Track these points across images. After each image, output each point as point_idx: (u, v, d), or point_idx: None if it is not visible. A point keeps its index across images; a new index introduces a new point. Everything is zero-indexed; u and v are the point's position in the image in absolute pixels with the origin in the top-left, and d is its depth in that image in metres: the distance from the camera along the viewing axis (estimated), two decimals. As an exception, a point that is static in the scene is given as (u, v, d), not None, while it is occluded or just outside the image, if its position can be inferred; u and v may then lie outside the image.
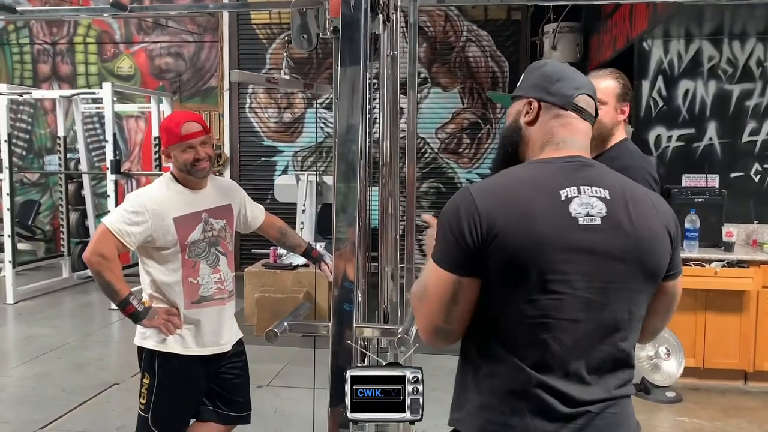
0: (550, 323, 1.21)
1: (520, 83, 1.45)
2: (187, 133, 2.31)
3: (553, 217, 1.21)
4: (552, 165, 1.30)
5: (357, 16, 2.00)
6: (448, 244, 1.24)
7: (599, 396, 1.24)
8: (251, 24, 8.14)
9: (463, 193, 1.27)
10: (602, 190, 1.26)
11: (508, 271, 1.20)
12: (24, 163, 8.72)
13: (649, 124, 4.85)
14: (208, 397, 2.48)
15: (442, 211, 1.29)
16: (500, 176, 1.31)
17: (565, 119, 1.35)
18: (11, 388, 4.28)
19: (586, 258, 1.21)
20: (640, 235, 1.25)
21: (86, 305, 6.67)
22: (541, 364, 1.22)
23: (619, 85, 2.27)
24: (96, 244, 2.23)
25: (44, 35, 8.65)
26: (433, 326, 1.28)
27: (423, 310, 1.29)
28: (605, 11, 6.12)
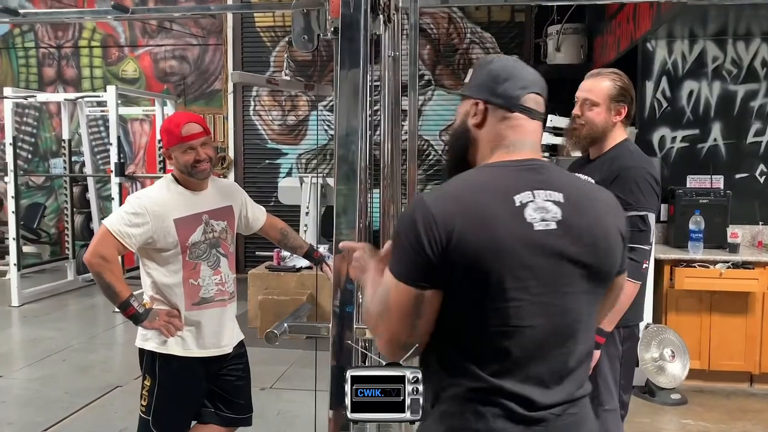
0: (511, 331, 1.20)
1: (468, 80, 1.41)
2: (188, 134, 2.31)
3: (510, 224, 1.20)
4: (505, 169, 1.28)
5: (357, 17, 1.98)
6: (407, 257, 1.21)
7: (560, 399, 1.24)
8: (255, 27, 8.15)
9: (417, 203, 1.23)
10: (556, 193, 1.25)
11: (467, 280, 1.19)
12: (29, 167, 8.75)
13: (654, 125, 4.83)
14: (209, 398, 2.48)
15: (398, 223, 1.27)
16: (454, 183, 1.28)
17: (513, 121, 1.32)
18: (16, 390, 4.29)
19: (543, 263, 1.21)
20: (595, 237, 1.26)
21: (90, 308, 6.69)
22: (501, 371, 1.21)
23: (614, 86, 2.25)
24: (96, 245, 2.23)
25: (49, 39, 8.68)
26: (397, 342, 1.25)
27: (385, 326, 1.25)
28: (609, 12, 6.10)
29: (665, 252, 4.29)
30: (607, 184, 2.17)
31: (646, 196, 2.15)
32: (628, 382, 2.36)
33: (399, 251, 1.23)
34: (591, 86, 2.29)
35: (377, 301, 1.27)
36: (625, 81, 2.28)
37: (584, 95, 2.29)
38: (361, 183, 1.88)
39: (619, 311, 2.15)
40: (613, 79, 2.27)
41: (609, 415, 2.27)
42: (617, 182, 2.16)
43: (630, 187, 2.15)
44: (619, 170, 2.19)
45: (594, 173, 2.25)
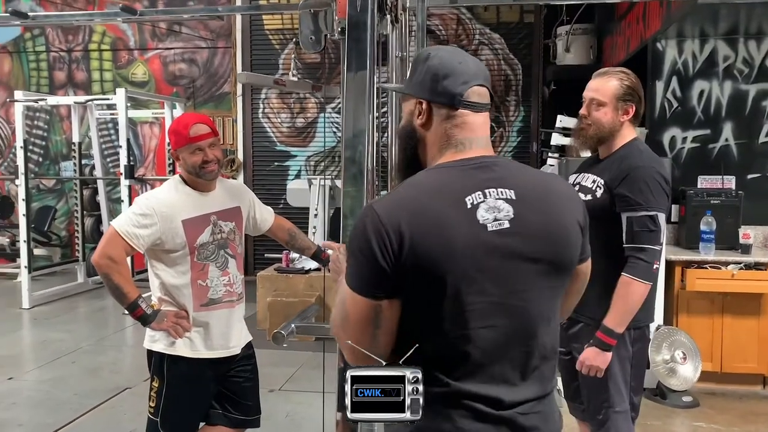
0: (470, 334, 1.19)
1: (408, 77, 1.37)
2: (196, 135, 2.31)
3: (462, 226, 1.18)
4: (454, 170, 1.26)
5: (364, 17, 1.97)
6: (360, 267, 1.20)
7: (526, 396, 1.24)
8: (264, 29, 8.17)
9: (367, 211, 1.21)
10: (507, 191, 1.23)
11: (422, 286, 1.18)
12: (40, 170, 8.80)
13: (664, 126, 4.79)
14: (218, 400, 2.47)
15: (350, 233, 1.25)
16: (403, 188, 1.26)
17: (458, 119, 1.29)
18: (26, 392, 4.31)
19: (498, 264, 1.20)
20: (551, 232, 1.24)
21: (100, 310, 6.71)
22: (465, 375, 1.21)
23: (621, 85, 2.23)
24: (104, 246, 2.23)
25: (60, 43, 8.74)
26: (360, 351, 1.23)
27: (346, 337, 1.23)
28: (618, 12, 6.07)
29: (676, 253, 4.25)
30: (615, 183, 2.17)
31: (655, 195, 2.12)
32: (639, 383, 2.33)
33: (352, 262, 1.21)
34: (598, 86, 2.26)
35: (338, 311, 1.25)
36: (632, 80, 2.25)
37: (591, 95, 2.27)
38: (368, 184, 1.87)
39: (630, 312, 2.13)
40: (621, 78, 2.24)
41: (620, 417, 2.25)
42: (626, 182, 2.14)
43: (639, 186, 2.12)
44: (628, 170, 2.16)
45: (603, 173, 2.24)
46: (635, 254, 2.12)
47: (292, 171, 8.21)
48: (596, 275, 1.51)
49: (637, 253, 2.12)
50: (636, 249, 2.12)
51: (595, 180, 2.24)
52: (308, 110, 8.18)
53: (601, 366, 2.15)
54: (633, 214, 2.13)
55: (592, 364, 2.15)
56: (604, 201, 2.18)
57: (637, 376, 2.30)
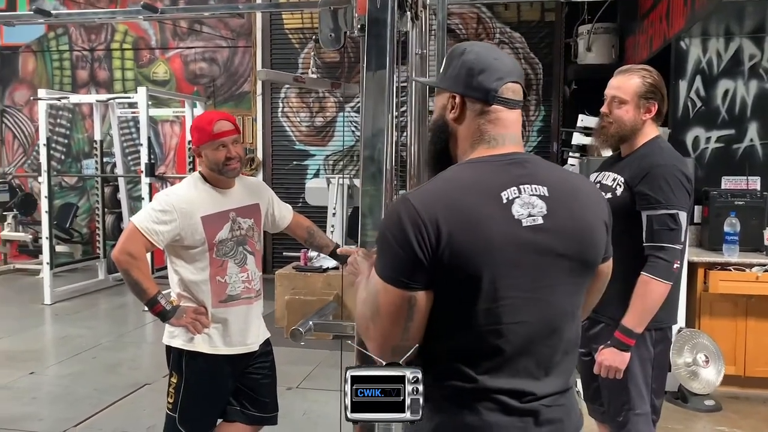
0: (502, 329, 1.20)
1: (442, 70, 1.37)
2: (220, 131, 2.31)
3: (498, 221, 1.19)
4: (489, 165, 1.27)
5: (383, 13, 1.96)
6: (395, 258, 1.18)
7: (550, 390, 1.25)
8: (284, 28, 8.19)
9: (402, 202, 1.21)
10: (541, 187, 1.25)
11: (457, 280, 1.18)
12: (62, 167, 8.91)
13: (687, 126, 4.72)
14: (235, 397, 2.48)
15: (382, 224, 1.25)
16: (438, 181, 1.26)
17: (491, 114, 1.29)
18: (47, 387, 4.36)
19: (532, 259, 1.21)
20: (580, 229, 1.27)
21: (120, 306, 6.77)
22: (492, 369, 1.21)
23: (643, 83, 2.19)
24: (124, 242, 2.24)
25: (83, 42, 8.83)
26: (390, 345, 1.23)
27: (376, 330, 1.23)
28: (641, 11, 6.00)
29: (699, 255, 4.18)
30: (636, 181, 2.14)
31: (676, 193, 2.09)
32: (660, 386, 2.29)
33: (386, 253, 1.21)
34: (619, 83, 2.23)
35: (367, 305, 1.25)
36: (655, 77, 2.22)
37: (612, 93, 2.24)
38: (387, 183, 1.86)
39: (649, 312, 2.10)
40: (643, 75, 2.21)
41: (640, 420, 2.22)
42: (646, 180, 2.11)
43: (659, 184, 2.09)
44: (648, 168, 2.13)
45: (623, 171, 2.21)
46: (655, 253, 2.09)
47: (310, 170, 8.22)
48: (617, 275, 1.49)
49: (657, 251, 2.09)
50: (656, 248, 2.09)
51: (616, 178, 2.21)
52: (327, 109, 8.19)
53: (619, 366, 2.12)
54: (653, 213, 2.09)
55: (611, 364, 2.12)
56: (624, 199, 2.15)
57: (659, 379, 2.26)
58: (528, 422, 1.22)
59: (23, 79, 9.03)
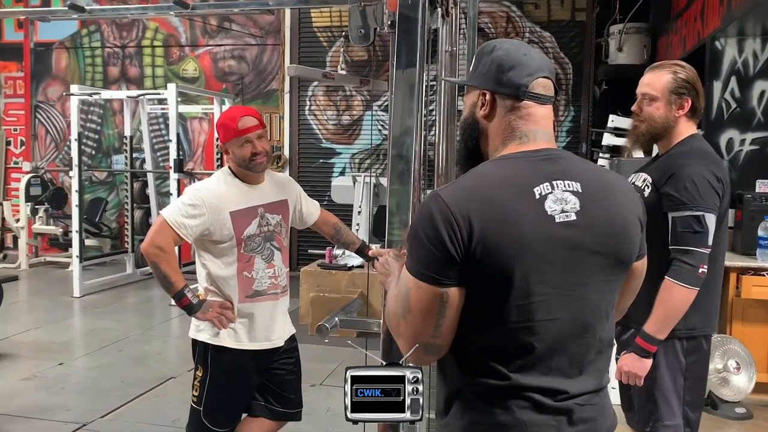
0: (534, 326, 1.19)
1: (472, 68, 1.36)
2: (244, 127, 2.32)
3: (531, 217, 1.18)
4: (521, 161, 1.25)
5: (414, 9, 1.95)
6: (426, 254, 1.18)
7: (583, 389, 1.24)
8: (312, 27, 8.22)
9: (434, 198, 1.20)
10: (574, 183, 1.23)
11: (490, 277, 1.16)
12: (93, 162, 9.04)
13: (721, 127, 4.63)
14: (260, 392, 2.49)
15: (414, 220, 1.24)
16: (469, 177, 1.25)
17: (522, 111, 1.28)
18: (75, 378, 4.42)
19: (565, 255, 1.20)
20: (614, 225, 1.25)
21: (147, 300, 6.85)
22: (525, 367, 1.20)
23: (674, 78, 2.10)
24: (153, 235, 2.26)
25: (114, 39, 8.96)
26: (422, 344, 1.21)
27: (407, 327, 1.22)
28: (675, 11, 5.90)
29: (731, 259, 4.09)
30: (662, 182, 2.06)
31: (702, 194, 1.99)
32: (696, 398, 2.18)
33: (417, 249, 1.20)
34: (650, 80, 2.16)
35: (398, 302, 1.24)
36: (688, 72, 2.13)
37: (643, 90, 2.17)
38: (415, 182, 1.84)
39: (672, 318, 2.02)
40: (675, 71, 2.12)
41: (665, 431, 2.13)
42: (671, 180, 2.03)
43: (684, 185, 2.00)
44: (675, 167, 2.04)
45: (654, 171, 2.14)
46: (679, 257, 2.00)
47: (336, 168, 8.24)
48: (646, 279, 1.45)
49: (682, 255, 2.00)
50: (680, 251, 2.00)
51: (645, 179, 2.14)
52: (354, 108, 8.20)
53: (639, 373, 2.05)
54: (677, 214, 2.01)
55: (630, 370, 2.06)
56: (651, 200, 2.05)
57: (694, 391, 2.16)
58: (561, 421, 1.21)
59: (56, 76, 9.18)
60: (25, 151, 9.35)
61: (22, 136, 9.40)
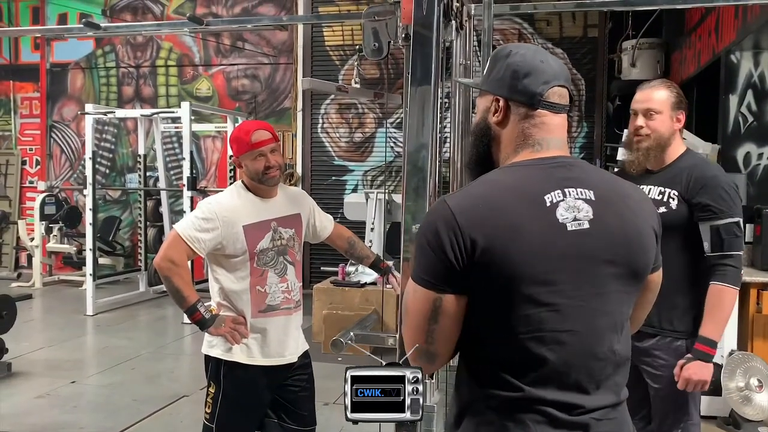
0: (545, 336, 1.15)
1: (486, 73, 1.33)
2: (258, 141, 2.31)
3: (540, 226, 1.15)
4: (532, 168, 1.22)
5: (429, 22, 1.94)
6: (427, 260, 1.17)
7: (600, 403, 1.20)
8: (324, 46, 8.27)
9: (440, 206, 1.19)
10: (587, 191, 1.20)
11: (495, 286, 1.14)
12: (107, 181, 9.10)
13: (738, 141, 4.58)
14: (273, 409, 2.45)
15: (420, 226, 1.23)
16: (479, 185, 1.22)
17: (536, 119, 1.25)
18: (88, 396, 4.40)
19: (577, 264, 1.16)
20: (628, 235, 1.22)
21: (160, 318, 6.84)
22: (538, 379, 1.17)
23: (672, 94, 2.22)
24: (167, 249, 2.24)
25: (129, 59, 9.05)
26: (419, 348, 1.21)
27: (405, 329, 1.24)
28: (688, 26, 5.88)
29: (751, 275, 4.02)
30: (693, 193, 2.13)
31: (735, 201, 2.12)
32: None
33: (419, 253, 1.20)
34: (648, 96, 2.24)
35: (403, 308, 1.26)
36: (678, 89, 2.26)
37: (645, 105, 2.23)
38: (430, 198, 1.82)
39: (726, 319, 2.11)
40: (668, 86, 2.24)
41: (695, 429, 2.23)
42: (704, 191, 2.12)
43: (720, 194, 2.11)
44: (705, 178, 2.14)
45: (671, 184, 2.19)
46: (724, 261, 2.09)
47: (349, 185, 8.24)
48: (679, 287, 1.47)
49: (726, 260, 2.09)
50: (724, 256, 2.09)
51: (664, 191, 2.20)
52: (366, 125, 8.22)
53: (707, 379, 2.09)
54: (718, 222, 2.10)
55: (700, 378, 2.08)
56: (681, 212, 2.15)
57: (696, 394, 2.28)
58: None
59: (71, 95, 9.28)
60: (40, 171, 9.43)
61: (38, 155, 9.49)
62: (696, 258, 2.13)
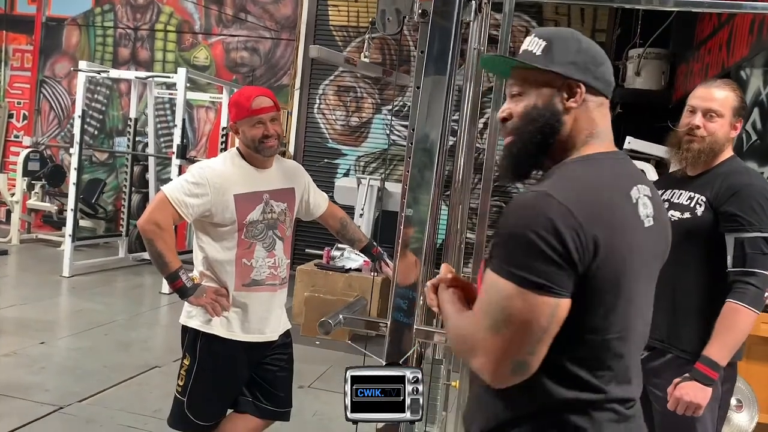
0: (627, 335, 1.14)
1: (542, 52, 1.21)
2: (258, 107, 2.21)
3: (634, 223, 1.15)
4: (612, 162, 1.19)
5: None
6: (542, 261, 1.05)
7: (637, 394, 1.22)
8: (328, 25, 8.13)
9: (547, 200, 1.07)
10: (646, 187, 1.22)
11: (606, 286, 1.09)
12: (95, 142, 8.92)
13: (740, 159, 4.53)
14: (249, 387, 2.36)
15: (520, 222, 1.08)
16: (577, 180, 1.13)
17: (604, 109, 1.23)
18: (56, 358, 4.28)
19: (645, 260, 1.17)
20: (667, 231, 1.27)
21: (138, 286, 6.72)
22: (611, 377, 1.15)
23: (736, 97, 2.03)
24: (152, 212, 2.14)
25: (128, 20, 8.86)
26: (513, 360, 1.09)
27: (498, 342, 1.08)
28: (698, 38, 5.82)
29: (741, 293, 3.98)
30: (722, 201, 1.96)
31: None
32: (720, 427, 2.09)
33: (527, 256, 1.06)
34: (713, 95, 2.04)
35: (488, 315, 1.09)
36: (742, 93, 2.07)
37: (707, 105, 2.03)
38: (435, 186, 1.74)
39: (737, 343, 1.91)
40: (734, 89, 2.05)
41: None
42: (735, 199, 1.93)
43: (751, 205, 1.91)
44: (737, 187, 1.94)
45: (704, 189, 2.02)
46: (745, 279, 1.89)
47: (341, 169, 8.13)
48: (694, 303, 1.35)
49: (747, 277, 1.89)
50: (746, 273, 1.89)
51: (693, 197, 2.03)
52: (363, 110, 8.10)
53: (701, 403, 1.89)
54: (744, 235, 1.91)
55: (692, 400, 1.89)
56: (705, 220, 1.97)
57: (722, 420, 2.07)
58: (630, 428, 1.18)
59: (65, 52, 9.08)
60: (27, 126, 9.23)
61: (26, 110, 9.29)
62: (718, 273, 1.94)
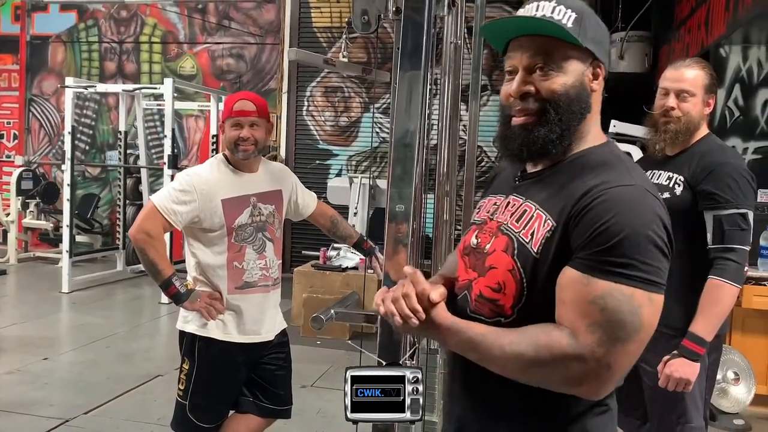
0: None
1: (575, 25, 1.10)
2: (239, 109, 2.25)
3: None
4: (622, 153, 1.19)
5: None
6: (661, 262, 1.02)
7: None
8: (312, 27, 8.16)
9: (649, 197, 1.06)
10: None
11: None
12: (86, 158, 8.93)
13: (723, 135, 4.57)
14: (248, 387, 2.40)
15: (636, 222, 1.01)
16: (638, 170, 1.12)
17: None
18: (60, 373, 4.31)
19: None
20: None
21: (137, 298, 6.74)
22: None
23: (706, 75, 2.06)
24: (142, 221, 2.18)
25: (112, 34, 8.87)
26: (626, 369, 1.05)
27: (628, 354, 1.02)
28: (678, 19, 5.87)
29: (732, 268, 4.03)
30: (698, 180, 2.00)
31: (744, 192, 1.96)
32: (710, 396, 2.16)
33: (652, 255, 1.02)
34: (683, 75, 2.07)
35: (614, 327, 1.00)
36: (712, 70, 2.10)
37: (678, 85, 2.07)
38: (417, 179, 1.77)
39: (721, 318, 1.96)
40: (703, 67, 2.08)
41: None
42: (711, 178, 1.98)
43: (727, 182, 1.95)
44: (712, 165, 1.99)
45: (681, 169, 2.07)
46: (724, 255, 1.94)
47: (333, 170, 8.16)
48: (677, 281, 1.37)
49: (727, 253, 1.94)
50: (725, 249, 1.95)
51: (671, 176, 2.08)
52: (352, 109, 8.13)
53: (691, 378, 1.94)
54: (721, 213, 1.96)
55: (681, 376, 1.94)
56: (685, 199, 2.02)
57: (710, 390, 2.14)
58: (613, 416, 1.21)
59: (52, 69, 9.09)
60: (18, 145, 9.24)
61: (15, 129, 9.30)
62: (700, 251, 1.98)
